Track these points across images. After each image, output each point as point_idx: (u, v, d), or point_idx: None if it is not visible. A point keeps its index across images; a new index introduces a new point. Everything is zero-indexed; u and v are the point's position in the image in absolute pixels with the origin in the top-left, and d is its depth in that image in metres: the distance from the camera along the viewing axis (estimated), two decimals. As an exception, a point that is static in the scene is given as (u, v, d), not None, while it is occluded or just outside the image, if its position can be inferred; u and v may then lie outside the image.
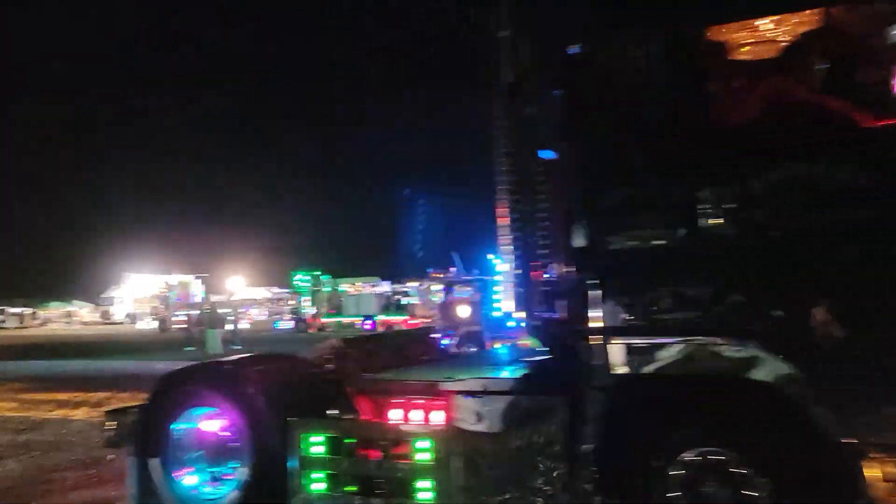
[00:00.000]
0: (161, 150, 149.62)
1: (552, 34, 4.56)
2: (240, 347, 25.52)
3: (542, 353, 4.77)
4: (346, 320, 37.87)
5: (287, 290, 47.26)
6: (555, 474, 4.12)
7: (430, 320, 34.62)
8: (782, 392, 3.60)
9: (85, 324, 62.37)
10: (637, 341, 3.96)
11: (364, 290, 41.63)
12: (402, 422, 4.64)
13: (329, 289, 39.66)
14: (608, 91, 4.12)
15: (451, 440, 4.32)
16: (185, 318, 40.06)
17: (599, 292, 4.04)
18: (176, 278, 51.38)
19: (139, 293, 51.97)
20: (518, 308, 4.47)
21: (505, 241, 4.51)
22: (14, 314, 60.69)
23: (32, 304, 65.73)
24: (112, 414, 5.72)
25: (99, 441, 8.86)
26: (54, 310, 66.22)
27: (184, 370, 5.71)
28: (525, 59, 4.56)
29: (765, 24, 3.92)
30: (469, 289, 19.84)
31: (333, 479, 4.62)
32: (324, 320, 38.42)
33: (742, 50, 4.01)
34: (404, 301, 41.18)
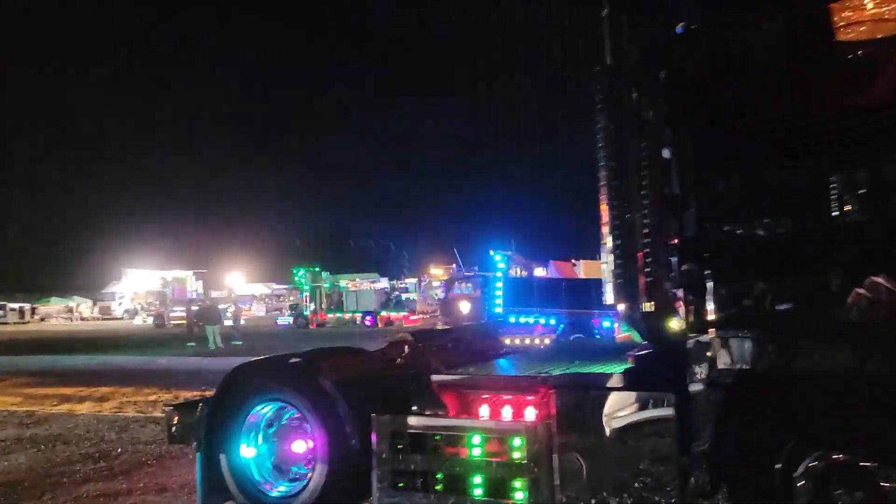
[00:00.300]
0: (162, 146, 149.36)
1: (657, 11, 4.33)
2: (240, 343, 25.62)
3: (645, 346, 4.57)
4: (346, 316, 37.94)
5: (287, 286, 47.26)
6: (662, 476, 3.89)
7: (429, 316, 34.84)
8: None
9: (85, 319, 62.40)
10: (752, 335, 3.73)
11: (363, 286, 41.70)
12: (493, 418, 4.44)
13: (329, 285, 39.73)
14: (719, 72, 3.89)
15: (548, 437, 4.14)
16: (183, 315, 40.29)
17: (712, 283, 3.83)
18: (173, 274, 51.40)
19: (138, 289, 51.96)
20: (618, 300, 4.24)
21: (605, 230, 4.26)
22: (14, 310, 60.69)
23: (33, 299, 65.73)
24: (176, 408, 5.58)
25: (106, 434, 9.04)
26: (54, 305, 66.20)
27: (253, 364, 5.58)
28: (627, 39, 4.30)
29: None
30: (469, 285, 19.90)
31: (418, 478, 4.45)
32: (324, 316, 38.50)
33: (870, 26, 3.65)
34: (404, 297, 41.33)
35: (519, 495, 4.15)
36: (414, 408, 4.66)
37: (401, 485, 4.47)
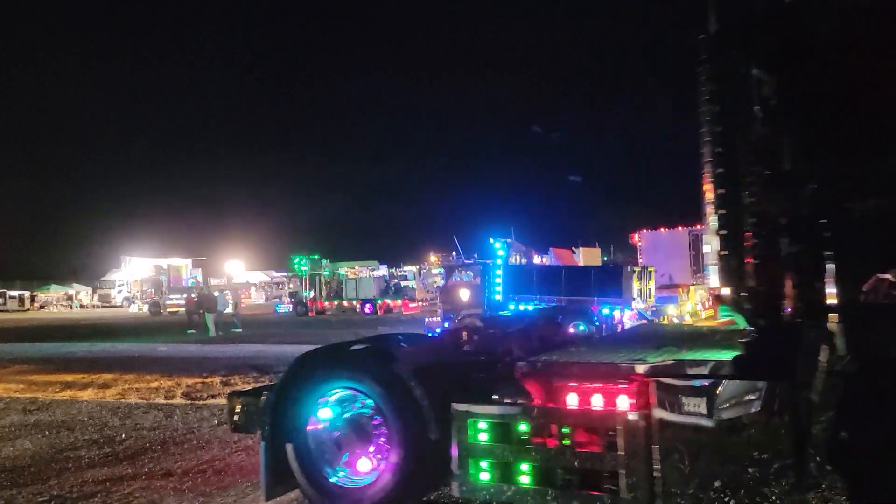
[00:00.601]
0: (163, 135, 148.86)
1: None
2: (240, 331, 25.69)
3: (752, 332, 4.19)
4: (345, 304, 38.00)
5: (286, 274, 47.26)
6: (774, 470, 3.66)
7: (428, 304, 34.87)
8: None
9: (84, 307, 62.44)
10: (876, 319, 3.50)
11: (363, 273, 41.73)
12: (584, 407, 4.17)
13: (328, 272, 39.76)
14: (835, 45, 3.64)
15: (647, 428, 3.90)
16: (179, 302, 40.41)
17: (831, 265, 3.60)
18: (168, 262, 51.38)
19: (137, 277, 51.93)
20: (724, 282, 4.02)
21: (709, 210, 4.03)
22: (14, 297, 60.76)
23: (33, 287, 65.77)
24: (238, 396, 5.45)
25: (109, 420, 9.10)
26: (54, 293, 66.23)
27: (321, 351, 5.40)
28: (734, 10, 4.07)
29: None
30: (469, 273, 19.92)
31: (503, 469, 4.29)
32: (323, 304, 38.56)
33: None
34: (403, 285, 41.37)
35: (614, 488, 3.95)
36: (495, 396, 4.47)
37: (484, 475, 4.34)
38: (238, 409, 5.34)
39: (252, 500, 5.59)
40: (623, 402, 4.03)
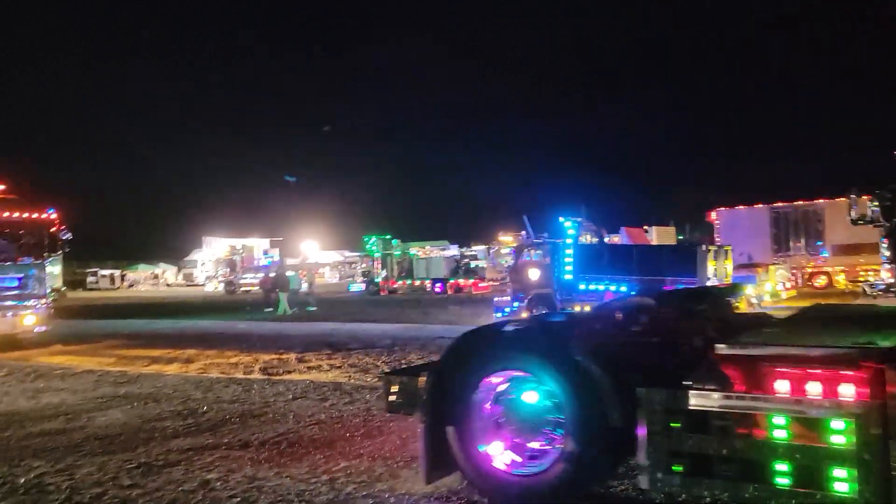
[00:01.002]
0: (243, 119, 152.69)
1: None
2: (315, 309, 26.37)
3: None
4: (416, 283, 38.45)
5: (359, 254, 48.11)
6: None
7: (499, 283, 34.91)
8: None
9: (170, 286, 65.23)
10: None
11: (433, 253, 42.08)
12: (795, 395, 3.77)
13: (399, 252, 40.28)
14: None
15: (884, 421, 3.50)
16: (252, 282, 41.88)
17: None
18: (242, 242, 53.01)
19: (215, 257, 53.82)
20: None
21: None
22: (105, 276, 63.99)
23: (122, 266, 69.07)
24: (394, 376, 5.34)
25: (192, 393, 9.55)
26: (142, 272, 69.38)
27: (486, 331, 5.19)
28: None
29: None
30: (539, 252, 19.84)
31: (701, 461, 3.96)
32: (395, 283, 39.13)
33: None
34: (473, 264, 41.53)
35: (841, 487, 3.58)
36: (686, 382, 4.09)
37: (677, 468, 4.04)
38: (395, 389, 5.23)
39: (323, 472, 5.81)
40: (848, 391, 3.65)
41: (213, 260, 54.39)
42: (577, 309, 18.32)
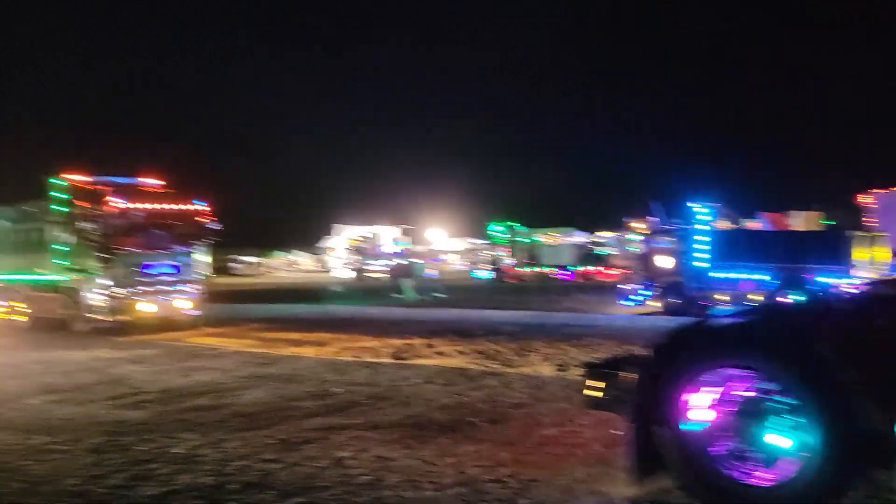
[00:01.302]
0: (372, 112, 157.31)
1: None
2: (444, 295, 26.86)
3: None
4: (542, 270, 38.28)
5: (485, 241, 48.43)
6: None
7: (627, 271, 34.11)
8: None
9: (305, 272, 68.42)
10: None
11: (560, 240, 41.67)
12: None
13: (525, 239, 40.20)
14: None
15: None
16: (378, 268, 43.26)
17: None
18: (377, 230, 54.56)
19: (344, 244, 55.81)
20: None
21: None
22: (246, 262, 68.01)
23: (261, 253, 73.10)
24: (598, 369, 4.99)
25: (327, 375, 10.04)
26: (279, 259, 73.11)
27: (706, 324, 4.87)
28: None
29: None
30: (670, 238, 19.23)
31: None
32: (521, 270, 39.13)
33: None
34: (601, 251, 40.77)
35: None
36: None
37: None
38: (598, 384, 4.85)
39: (450, 455, 5.98)
40: None
41: (343, 247, 56.59)
42: (711, 298, 17.64)
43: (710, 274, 17.89)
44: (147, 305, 16.89)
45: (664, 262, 18.81)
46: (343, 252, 56.61)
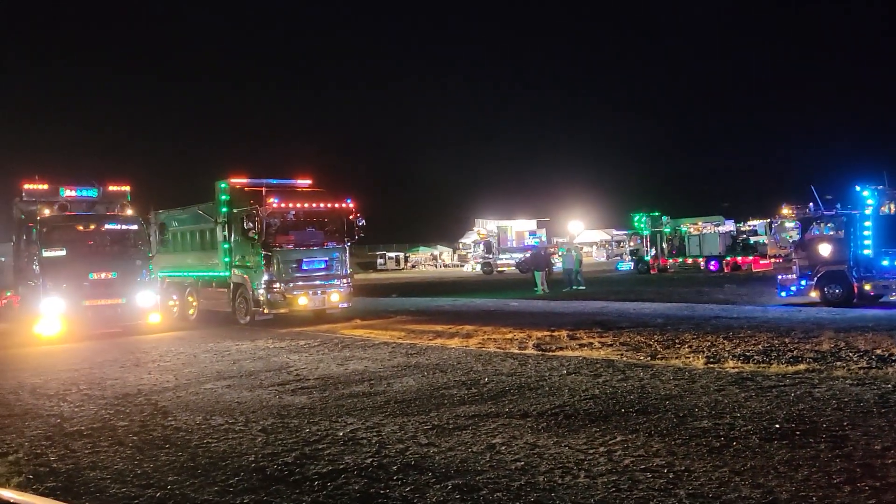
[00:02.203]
0: (510, 108, 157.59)
1: None
2: (583, 288, 26.55)
3: None
4: (688, 261, 36.85)
5: (627, 232, 47.24)
6: None
7: (782, 261, 32.12)
8: None
9: (447, 266, 69.77)
10: None
11: (707, 229, 39.88)
12: None
13: (669, 229, 38.81)
14: None
15: None
16: (511, 262, 43.87)
17: None
18: (512, 223, 54.60)
19: (474, 238, 56.29)
20: None
21: None
22: (392, 258, 70.46)
23: (405, 249, 75.38)
24: None
25: (473, 365, 10.26)
26: (422, 254, 75.08)
27: None
28: None
29: None
30: (831, 225, 17.94)
31: None
32: (665, 261, 37.87)
33: None
34: (753, 240, 38.66)
35: None
36: None
37: None
38: None
39: (601, 444, 5.99)
40: None
41: (472, 241, 57.41)
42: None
43: (879, 261, 16.54)
44: (303, 299, 17.95)
45: (824, 249, 17.58)
46: (471, 245, 57.47)
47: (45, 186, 18.51)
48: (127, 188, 19.64)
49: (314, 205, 18.65)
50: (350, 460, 5.92)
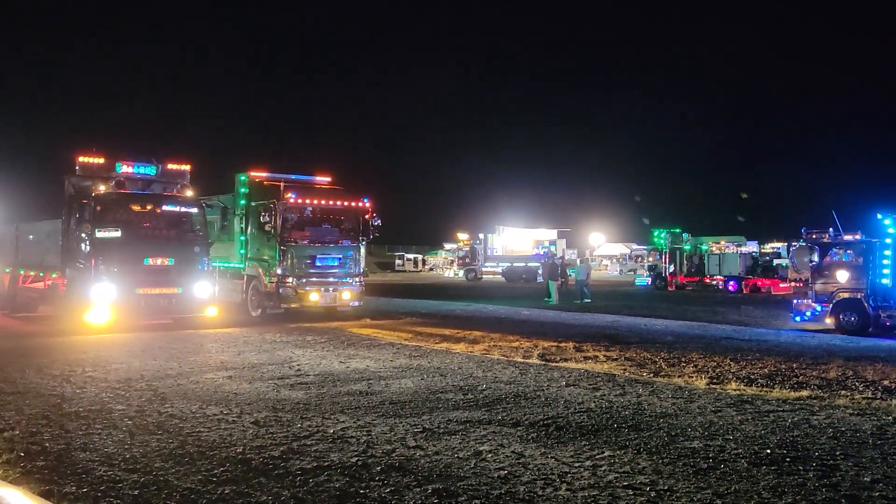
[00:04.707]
0: (533, 118, 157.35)
1: None
2: (589, 301, 26.36)
3: None
4: (707, 280, 36.51)
5: (646, 247, 46.95)
6: None
7: (802, 285, 31.70)
8: None
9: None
10: None
11: (728, 249, 39.52)
12: None
13: (689, 247, 38.50)
14: None
15: None
16: (497, 270, 46.89)
17: None
18: (536, 232, 54.51)
19: (508, 245, 56.29)
20: None
21: None
22: (410, 260, 70.65)
23: (424, 252, 75.53)
24: None
25: (474, 371, 10.25)
26: (440, 257, 75.13)
27: None
28: None
29: None
30: (850, 252, 17.69)
31: None
32: (683, 279, 37.55)
33: None
34: (775, 262, 38.20)
35: None
36: None
37: None
38: None
39: (587, 458, 5.96)
40: None
41: (454, 247, 58.32)
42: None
43: (895, 292, 16.29)
44: (314, 295, 18.04)
45: (841, 276, 17.34)
46: (452, 253, 58.37)
47: (102, 160, 16.90)
48: (187, 167, 18.04)
49: (331, 202, 18.75)
50: (335, 458, 5.95)
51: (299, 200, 18.16)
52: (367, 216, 19.07)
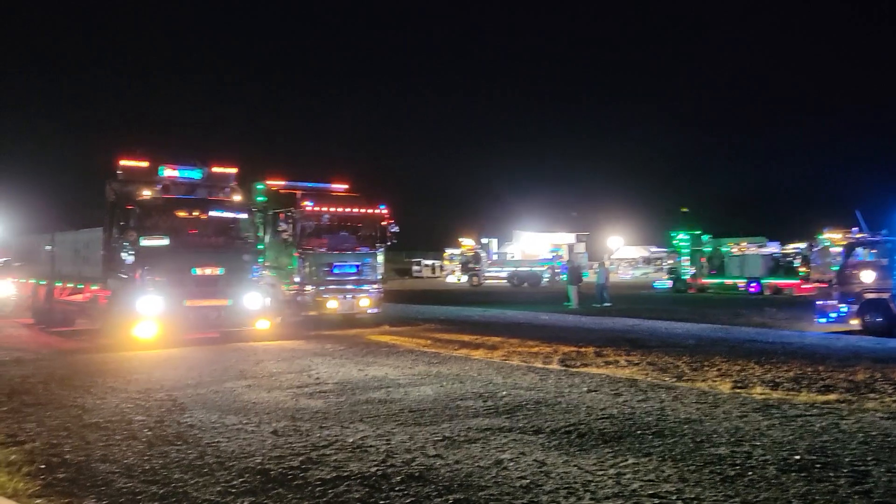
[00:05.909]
0: (550, 120, 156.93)
1: None
2: (609, 305, 26.12)
3: None
4: (728, 282, 36.08)
5: (665, 250, 46.54)
6: None
7: (826, 286, 31.24)
8: None
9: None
10: None
11: (749, 250, 39.03)
12: None
13: (710, 248, 38.08)
14: None
15: None
16: (500, 275, 46.61)
17: None
18: (555, 236, 54.30)
19: (527, 250, 56.04)
20: None
21: None
22: (427, 265, 70.54)
23: (440, 257, 75.41)
24: None
25: (493, 378, 10.15)
26: (458, 263, 75.04)
27: None
28: None
29: None
30: (875, 251, 17.39)
31: None
32: (704, 281, 37.15)
33: None
34: (794, 263, 37.68)
35: None
36: None
37: None
38: None
39: (610, 466, 5.85)
40: None
41: (458, 253, 58.10)
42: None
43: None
44: (332, 302, 18.02)
45: (866, 276, 17.03)
46: (457, 258, 58.17)
47: (146, 164, 15.75)
48: (234, 170, 16.85)
49: (348, 209, 18.74)
50: (355, 467, 5.88)
51: (316, 208, 18.17)
52: (384, 223, 19.04)
